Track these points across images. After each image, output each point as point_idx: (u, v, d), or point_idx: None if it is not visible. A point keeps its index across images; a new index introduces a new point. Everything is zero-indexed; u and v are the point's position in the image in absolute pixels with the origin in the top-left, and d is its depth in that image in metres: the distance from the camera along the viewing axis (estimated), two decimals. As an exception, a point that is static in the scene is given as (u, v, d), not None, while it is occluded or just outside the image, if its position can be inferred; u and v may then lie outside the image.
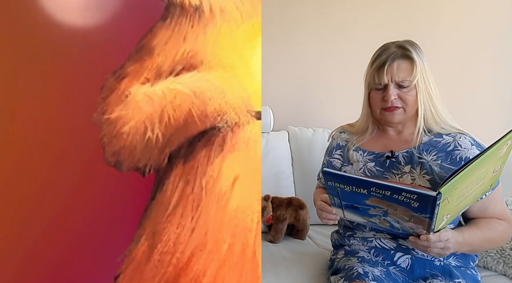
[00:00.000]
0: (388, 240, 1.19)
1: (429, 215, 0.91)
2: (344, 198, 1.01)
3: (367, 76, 1.23)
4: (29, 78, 0.79)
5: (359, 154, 1.28)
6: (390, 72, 1.15)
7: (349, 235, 1.29)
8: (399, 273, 1.13)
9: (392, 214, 0.97)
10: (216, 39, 0.84)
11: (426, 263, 1.14)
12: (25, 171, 0.79)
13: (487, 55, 2.37)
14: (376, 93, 1.20)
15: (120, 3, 0.82)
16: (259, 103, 0.85)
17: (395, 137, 1.27)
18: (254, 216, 0.84)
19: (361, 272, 1.08)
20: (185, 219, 0.83)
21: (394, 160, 1.21)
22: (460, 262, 1.17)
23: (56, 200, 0.81)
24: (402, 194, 0.89)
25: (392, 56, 1.16)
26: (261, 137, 0.85)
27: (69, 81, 0.81)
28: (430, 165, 1.14)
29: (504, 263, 1.43)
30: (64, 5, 0.80)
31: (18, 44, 0.78)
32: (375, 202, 0.96)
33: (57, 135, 0.80)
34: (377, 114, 1.23)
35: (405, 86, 1.15)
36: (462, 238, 1.05)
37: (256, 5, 0.85)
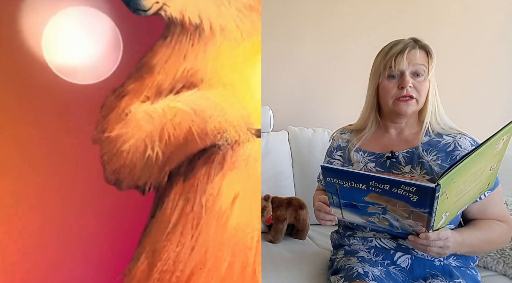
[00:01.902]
0: (388, 239, 1.19)
1: (428, 210, 0.90)
2: (343, 196, 1.01)
3: (379, 65, 1.21)
4: (28, 93, 0.79)
5: (360, 155, 1.28)
6: (409, 59, 1.16)
7: (349, 235, 1.29)
8: (399, 273, 1.14)
9: (391, 211, 0.97)
10: (216, 57, 0.84)
11: (426, 263, 1.14)
12: (24, 187, 0.79)
13: (486, 55, 2.38)
14: (389, 82, 1.19)
15: (120, 21, 0.82)
16: (259, 121, 0.85)
17: (395, 137, 1.27)
18: (254, 234, 0.85)
19: (361, 272, 1.08)
20: (185, 238, 0.83)
21: (394, 161, 1.21)
22: (460, 262, 1.17)
23: (55, 218, 0.81)
24: (401, 187, 0.89)
25: (411, 45, 1.18)
26: (261, 155, 0.85)
27: (69, 99, 0.81)
28: (430, 165, 1.15)
29: (504, 263, 1.43)
30: (65, 25, 0.80)
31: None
32: (374, 198, 0.96)
33: (57, 153, 0.80)
34: (388, 105, 1.21)
35: (420, 75, 1.16)
36: (461, 239, 1.05)
37: (256, 24, 0.85)
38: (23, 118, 0.79)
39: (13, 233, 0.79)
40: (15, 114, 0.78)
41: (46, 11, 0.79)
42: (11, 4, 0.77)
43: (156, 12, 0.83)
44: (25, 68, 0.78)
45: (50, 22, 0.79)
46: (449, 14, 2.34)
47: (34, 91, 0.79)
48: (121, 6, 0.81)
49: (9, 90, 0.78)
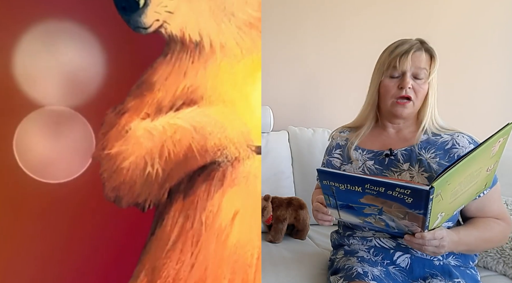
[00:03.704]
0: (388, 239, 1.20)
1: (423, 211, 0.91)
2: (339, 198, 1.02)
3: (384, 63, 1.23)
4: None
5: (358, 153, 1.29)
6: (412, 60, 1.17)
7: (349, 234, 1.30)
8: (399, 273, 1.14)
9: (387, 212, 0.98)
10: (217, 75, 0.84)
11: (426, 262, 1.15)
12: (23, 205, 0.80)
13: (486, 55, 2.38)
14: (390, 81, 1.21)
15: (120, 38, 0.82)
16: (259, 138, 0.85)
17: (394, 135, 1.28)
18: (254, 252, 0.84)
19: (360, 271, 1.09)
20: (185, 255, 0.83)
21: (393, 158, 1.22)
22: (460, 261, 1.17)
23: (55, 236, 0.81)
24: (396, 189, 0.90)
25: (416, 46, 1.20)
26: (261, 172, 0.85)
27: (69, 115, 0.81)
28: (429, 162, 1.16)
29: (504, 263, 1.44)
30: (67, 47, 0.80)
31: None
32: (369, 200, 0.97)
33: (57, 170, 0.81)
34: (387, 105, 1.24)
35: (421, 78, 1.18)
36: (458, 238, 1.06)
37: (256, 41, 0.85)
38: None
39: (13, 245, 0.80)
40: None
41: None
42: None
43: (156, 29, 0.82)
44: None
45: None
46: (449, 14, 2.33)
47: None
48: (121, 26, 0.81)
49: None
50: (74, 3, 0.81)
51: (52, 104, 0.80)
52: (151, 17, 0.82)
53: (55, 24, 0.80)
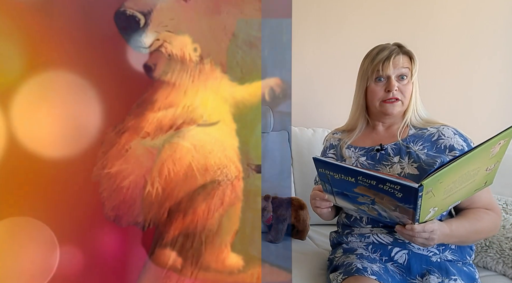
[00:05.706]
0: (385, 234, 1.21)
1: (413, 206, 0.94)
2: (334, 185, 1.04)
3: (367, 70, 1.31)
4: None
5: (351, 151, 1.34)
6: (395, 64, 1.25)
7: (347, 232, 1.31)
8: (397, 270, 1.16)
9: (379, 203, 1.01)
10: (217, 93, 0.84)
11: (423, 258, 1.17)
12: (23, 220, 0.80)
13: (483, 54, 2.37)
14: (376, 86, 1.28)
15: (120, 57, 0.81)
16: (259, 157, 0.85)
17: (384, 132, 1.35)
18: (255, 271, 0.85)
19: (360, 267, 1.10)
20: (185, 275, 0.83)
21: (383, 153, 1.28)
22: (456, 256, 1.19)
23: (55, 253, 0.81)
24: (387, 184, 0.93)
25: (396, 51, 1.27)
26: (261, 190, 0.85)
27: (69, 134, 0.80)
28: (417, 154, 1.22)
29: (504, 263, 1.44)
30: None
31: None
32: (362, 190, 1.00)
33: (56, 188, 0.80)
34: (375, 107, 1.30)
35: (405, 79, 1.26)
36: (449, 230, 1.09)
37: (256, 60, 0.85)
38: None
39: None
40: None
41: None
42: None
43: (157, 49, 0.82)
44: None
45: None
46: (448, 14, 2.32)
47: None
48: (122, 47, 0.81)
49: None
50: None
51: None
52: (152, 36, 0.81)
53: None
